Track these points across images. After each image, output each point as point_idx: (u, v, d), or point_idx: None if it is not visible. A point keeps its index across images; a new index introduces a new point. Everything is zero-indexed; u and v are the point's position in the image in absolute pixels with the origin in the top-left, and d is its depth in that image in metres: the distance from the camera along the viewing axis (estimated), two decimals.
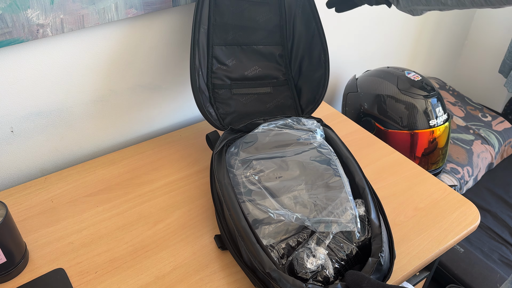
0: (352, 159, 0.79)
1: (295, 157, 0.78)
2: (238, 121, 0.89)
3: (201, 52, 0.85)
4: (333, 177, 0.73)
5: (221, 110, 0.89)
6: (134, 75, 0.95)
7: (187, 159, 0.95)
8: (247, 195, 0.72)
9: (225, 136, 0.82)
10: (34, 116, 0.86)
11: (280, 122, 0.84)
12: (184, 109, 1.09)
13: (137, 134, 1.04)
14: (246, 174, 0.75)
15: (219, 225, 0.74)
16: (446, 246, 0.77)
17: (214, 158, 0.78)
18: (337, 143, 0.83)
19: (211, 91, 0.87)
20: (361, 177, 0.76)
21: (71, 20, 0.78)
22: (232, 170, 0.77)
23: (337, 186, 0.72)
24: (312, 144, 0.80)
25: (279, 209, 0.69)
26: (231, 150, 0.80)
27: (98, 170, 0.92)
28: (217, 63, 0.87)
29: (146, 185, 0.88)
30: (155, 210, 0.83)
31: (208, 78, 0.87)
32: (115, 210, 0.82)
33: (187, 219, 0.81)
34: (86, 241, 0.76)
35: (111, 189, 0.87)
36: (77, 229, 0.78)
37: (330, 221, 0.67)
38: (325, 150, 0.79)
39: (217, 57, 0.88)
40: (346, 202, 0.69)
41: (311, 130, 0.83)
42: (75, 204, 0.83)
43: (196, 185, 0.88)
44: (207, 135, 0.83)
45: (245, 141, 0.81)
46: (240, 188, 0.74)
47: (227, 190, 0.71)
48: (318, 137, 0.82)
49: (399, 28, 1.49)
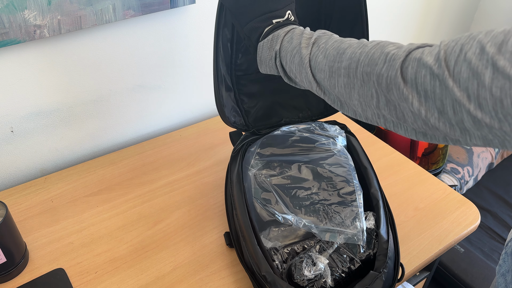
0: (371, 170, 0.77)
1: (311, 162, 0.76)
2: (263, 113, 0.86)
3: (225, 52, 0.76)
4: (347, 187, 0.71)
5: (247, 103, 0.84)
6: (134, 75, 0.94)
7: (187, 159, 0.95)
8: (257, 196, 0.71)
9: (246, 136, 0.81)
10: (34, 116, 0.86)
11: (303, 126, 0.83)
12: (184, 109, 1.09)
13: (137, 134, 1.04)
14: (259, 175, 0.74)
15: (229, 223, 0.74)
16: (446, 246, 0.77)
17: (232, 156, 0.78)
18: (358, 152, 0.80)
19: (235, 85, 0.82)
20: (376, 189, 0.73)
21: (69, 21, 0.78)
22: (249, 168, 0.75)
23: (349, 196, 0.70)
24: (331, 150, 0.78)
25: (287, 213, 0.68)
26: (251, 150, 0.79)
27: (98, 170, 0.91)
28: (241, 55, 0.79)
29: (146, 185, 0.88)
30: (155, 210, 0.82)
31: (232, 72, 0.81)
32: (115, 210, 0.82)
33: (187, 219, 0.80)
34: (86, 241, 0.76)
35: (111, 189, 0.87)
36: (77, 229, 0.78)
37: (336, 231, 0.65)
38: (343, 158, 0.76)
39: (240, 50, 0.79)
40: (356, 214, 0.67)
41: (332, 137, 0.81)
42: (75, 204, 0.83)
43: (196, 185, 0.88)
44: (230, 133, 0.83)
45: (265, 141, 0.80)
46: (252, 188, 0.73)
47: (237, 190, 0.71)
48: (338, 144, 0.80)
49: (398, 28, 1.48)
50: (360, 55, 0.46)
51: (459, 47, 0.37)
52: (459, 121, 0.38)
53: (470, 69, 0.35)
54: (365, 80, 0.45)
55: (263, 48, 0.59)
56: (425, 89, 0.39)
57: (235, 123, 0.80)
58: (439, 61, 0.38)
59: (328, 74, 0.50)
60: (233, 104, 0.80)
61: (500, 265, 0.56)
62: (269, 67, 0.60)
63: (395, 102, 0.43)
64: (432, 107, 0.39)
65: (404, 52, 0.42)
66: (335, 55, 0.49)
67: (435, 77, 0.38)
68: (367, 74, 0.45)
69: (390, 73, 0.42)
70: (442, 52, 0.38)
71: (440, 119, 0.39)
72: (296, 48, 0.54)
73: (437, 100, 0.39)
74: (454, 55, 0.37)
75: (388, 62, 0.43)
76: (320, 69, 0.51)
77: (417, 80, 0.40)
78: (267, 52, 0.58)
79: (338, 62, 0.48)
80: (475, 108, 0.36)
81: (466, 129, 0.38)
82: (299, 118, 0.87)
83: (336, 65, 0.49)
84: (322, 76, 0.51)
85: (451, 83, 0.37)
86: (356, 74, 0.46)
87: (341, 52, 0.49)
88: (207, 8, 0.96)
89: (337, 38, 0.52)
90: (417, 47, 0.42)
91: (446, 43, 0.39)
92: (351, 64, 0.47)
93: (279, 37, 0.57)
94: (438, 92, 0.38)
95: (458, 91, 0.36)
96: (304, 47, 0.53)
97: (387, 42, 0.46)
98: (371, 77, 0.44)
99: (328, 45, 0.51)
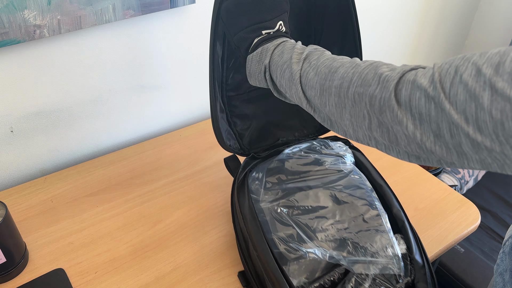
0: (387, 187, 0.73)
1: (326, 187, 0.71)
2: (258, 135, 0.81)
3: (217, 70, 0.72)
4: (370, 210, 0.67)
5: (239, 125, 0.80)
6: (134, 75, 0.94)
7: (187, 159, 0.95)
8: (275, 231, 0.66)
9: (247, 163, 0.75)
10: (34, 116, 0.86)
11: (305, 145, 0.78)
12: (184, 108, 1.08)
13: (137, 134, 1.04)
14: (273, 207, 0.68)
15: (242, 261, 0.70)
16: (447, 246, 0.77)
17: (235, 187, 0.72)
18: (369, 169, 0.76)
19: (226, 106, 0.78)
20: (398, 209, 0.69)
21: (68, 21, 0.77)
22: (255, 197, 0.71)
23: (374, 220, 0.66)
24: (342, 171, 0.73)
25: (311, 247, 0.63)
26: (253, 175, 0.74)
27: (98, 170, 0.91)
28: (231, 74, 0.76)
29: (146, 185, 0.88)
30: (155, 210, 0.82)
31: (223, 93, 0.77)
32: (115, 210, 0.82)
33: (187, 219, 0.80)
34: (86, 241, 0.76)
35: (111, 189, 0.87)
36: (77, 229, 0.78)
37: (368, 261, 0.61)
38: (358, 178, 0.72)
39: (231, 68, 0.76)
40: (386, 240, 0.63)
41: (339, 155, 0.76)
42: (75, 204, 0.83)
43: (196, 185, 0.88)
44: (225, 160, 0.78)
45: (269, 167, 0.74)
46: (267, 223, 0.67)
47: (253, 227, 0.65)
48: (348, 162, 0.76)
49: (398, 28, 1.47)
50: (353, 75, 0.45)
51: (454, 69, 0.36)
52: (456, 145, 0.37)
53: (467, 91, 0.34)
54: (356, 101, 0.44)
55: (252, 61, 0.57)
56: (419, 112, 0.38)
57: (231, 146, 0.76)
58: (434, 83, 0.37)
59: (319, 92, 0.49)
60: (227, 127, 0.77)
61: (498, 264, 0.56)
62: (258, 80, 0.58)
63: (388, 124, 0.42)
64: (427, 130, 0.39)
65: (398, 73, 0.41)
66: (327, 73, 0.48)
67: (430, 100, 0.37)
68: (359, 94, 0.44)
69: (383, 95, 0.41)
70: (436, 74, 0.37)
71: (436, 143, 0.39)
72: (286, 63, 0.53)
73: (432, 123, 0.38)
74: (449, 77, 0.36)
75: (381, 84, 0.42)
76: (311, 86, 0.50)
77: (411, 102, 0.39)
78: (256, 65, 0.57)
79: (330, 81, 0.47)
80: (474, 131, 0.35)
81: (463, 152, 0.37)
82: (295, 137, 0.83)
83: (328, 84, 0.47)
84: (312, 94, 0.50)
85: (448, 106, 0.36)
86: (348, 94, 0.45)
87: (333, 71, 0.47)
88: (207, 8, 0.96)
89: (329, 55, 0.51)
90: (410, 69, 0.41)
91: (439, 65, 0.38)
92: (343, 83, 0.46)
93: (268, 51, 0.55)
94: (433, 114, 0.37)
95: (455, 114, 0.35)
96: (295, 63, 0.52)
97: (380, 63, 0.44)
98: (363, 98, 0.43)
99: (320, 62, 0.50)
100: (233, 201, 0.73)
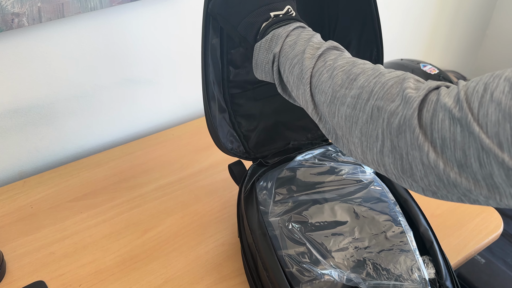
0: (412, 201, 0.70)
1: (343, 200, 0.69)
2: (266, 137, 0.80)
3: (216, 67, 0.72)
4: (393, 227, 0.65)
5: (244, 126, 0.78)
6: (122, 68, 0.94)
7: (180, 161, 0.95)
8: (285, 248, 0.64)
9: (254, 170, 0.74)
10: (11, 114, 0.85)
11: (318, 151, 0.76)
12: (177, 105, 1.08)
13: (125, 133, 1.03)
14: (283, 221, 0.67)
15: (249, 280, 0.69)
16: (466, 257, 0.76)
17: (242, 199, 0.70)
18: (392, 180, 0.72)
19: (229, 105, 0.77)
20: (426, 227, 0.67)
21: (50, 9, 0.77)
22: (263, 209, 0.69)
23: (398, 238, 0.64)
24: (361, 181, 0.71)
25: (327, 268, 0.61)
26: (260, 184, 0.72)
27: (82, 173, 0.91)
28: (234, 69, 0.75)
29: (135, 190, 0.88)
30: (145, 217, 0.82)
31: (225, 90, 0.76)
32: (101, 216, 0.82)
33: (180, 227, 0.80)
34: (69, 251, 0.75)
35: (96, 194, 0.86)
36: (59, 237, 0.78)
37: (392, 285, 0.60)
38: (379, 189, 0.70)
39: (233, 61, 0.75)
40: (412, 261, 0.61)
41: (358, 163, 0.74)
42: (56, 210, 0.83)
43: (190, 189, 0.88)
44: (229, 166, 0.76)
45: (279, 176, 0.73)
46: (276, 238, 0.66)
47: (264, 244, 0.63)
48: (367, 171, 0.74)
49: (414, 17, 1.47)
50: (374, 85, 0.43)
51: (482, 86, 0.34)
52: (487, 176, 0.34)
53: (499, 111, 0.32)
54: (374, 116, 0.42)
55: (260, 49, 0.55)
56: (443, 137, 0.36)
57: (233, 150, 0.74)
58: (460, 102, 0.35)
59: (330, 98, 0.46)
60: (229, 128, 0.76)
61: None
62: (264, 72, 0.56)
63: (403, 150, 0.39)
64: (451, 158, 0.36)
65: (423, 90, 0.39)
66: (344, 80, 0.45)
67: (455, 122, 0.35)
68: (378, 109, 0.41)
69: (405, 112, 0.38)
70: (462, 92, 0.35)
71: (462, 174, 0.36)
72: (298, 57, 0.50)
73: (458, 150, 0.35)
74: (477, 95, 0.34)
75: (404, 99, 0.39)
76: (322, 91, 0.47)
77: (433, 125, 0.36)
78: (264, 54, 0.55)
79: (346, 89, 0.45)
80: (511, 158, 0.32)
81: (495, 185, 0.34)
82: (308, 139, 0.81)
83: (343, 92, 0.45)
84: (322, 99, 0.47)
85: (477, 128, 0.33)
86: (365, 107, 0.42)
87: (352, 78, 0.45)
88: None
89: (349, 57, 0.48)
90: (436, 87, 0.39)
91: (464, 83, 0.36)
92: (362, 94, 0.43)
93: (280, 38, 0.53)
94: (459, 140, 0.35)
95: (485, 138, 0.33)
96: (308, 58, 0.49)
97: (408, 75, 0.42)
98: (382, 114, 0.41)
99: (337, 63, 0.47)
100: (240, 213, 0.71)
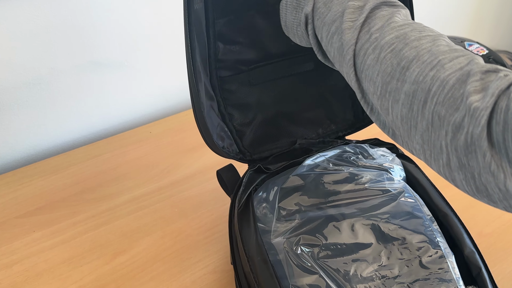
0: (454, 216, 0.68)
1: (366, 216, 0.68)
2: (264, 133, 0.78)
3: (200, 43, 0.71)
4: (430, 250, 0.64)
5: (237, 119, 0.77)
6: (85, 48, 0.93)
7: (159, 166, 0.94)
8: (292, 278, 0.62)
9: (251, 178, 0.71)
10: None
11: (333, 153, 0.74)
12: (156, 95, 1.08)
13: (90, 131, 1.02)
14: (290, 243, 0.65)
15: None
16: None
17: (235, 214, 0.68)
18: (427, 189, 0.72)
19: (218, 92, 0.75)
20: (472, 250, 0.66)
21: None
22: (263, 227, 0.68)
23: (437, 264, 0.63)
24: (389, 192, 0.70)
25: None
26: (259, 195, 0.70)
27: (36, 181, 0.90)
28: (223, 45, 0.73)
29: (102, 202, 0.86)
30: (115, 236, 0.80)
31: (212, 73, 0.74)
32: (58, 236, 0.80)
33: (159, 249, 0.79)
34: (18, 280, 0.74)
35: (53, 208, 0.85)
36: (6, 263, 0.76)
37: None
38: (411, 202, 0.68)
39: (222, 35, 0.73)
40: None
41: (384, 168, 0.73)
42: (2, 228, 0.81)
43: (172, 201, 0.86)
44: (218, 172, 0.74)
45: (283, 186, 0.71)
46: (280, 264, 0.64)
47: (264, 274, 0.61)
48: (396, 179, 0.72)
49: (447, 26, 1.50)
50: (432, 82, 0.38)
51: None
52: None
53: None
54: (435, 124, 0.39)
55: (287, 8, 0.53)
56: None
57: (224, 148, 0.72)
58: None
59: (380, 91, 0.43)
60: (219, 121, 0.74)
61: None
62: (298, 36, 0.53)
63: (474, 170, 0.37)
64: None
65: (492, 97, 0.35)
66: (395, 66, 0.42)
67: None
68: (440, 117, 0.38)
69: (472, 129, 0.35)
70: None
71: None
72: (335, 24, 0.47)
73: None
74: None
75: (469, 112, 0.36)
76: (369, 78, 0.44)
77: (507, 143, 0.34)
78: (292, 14, 0.52)
79: (398, 80, 0.41)
80: None
81: None
82: (319, 136, 0.79)
83: (394, 84, 0.42)
84: (371, 89, 0.44)
85: None
86: (424, 110, 0.39)
87: (403, 66, 0.41)
88: None
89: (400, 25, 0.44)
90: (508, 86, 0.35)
91: None
92: (417, 92, 0.40)
93: None
94: None
95: None
96: (348, 28, 0.46)
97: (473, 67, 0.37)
98: (445, 125, 0.38)
99: (385, 39, 0.43)
100: (232, 233, 0.69)
